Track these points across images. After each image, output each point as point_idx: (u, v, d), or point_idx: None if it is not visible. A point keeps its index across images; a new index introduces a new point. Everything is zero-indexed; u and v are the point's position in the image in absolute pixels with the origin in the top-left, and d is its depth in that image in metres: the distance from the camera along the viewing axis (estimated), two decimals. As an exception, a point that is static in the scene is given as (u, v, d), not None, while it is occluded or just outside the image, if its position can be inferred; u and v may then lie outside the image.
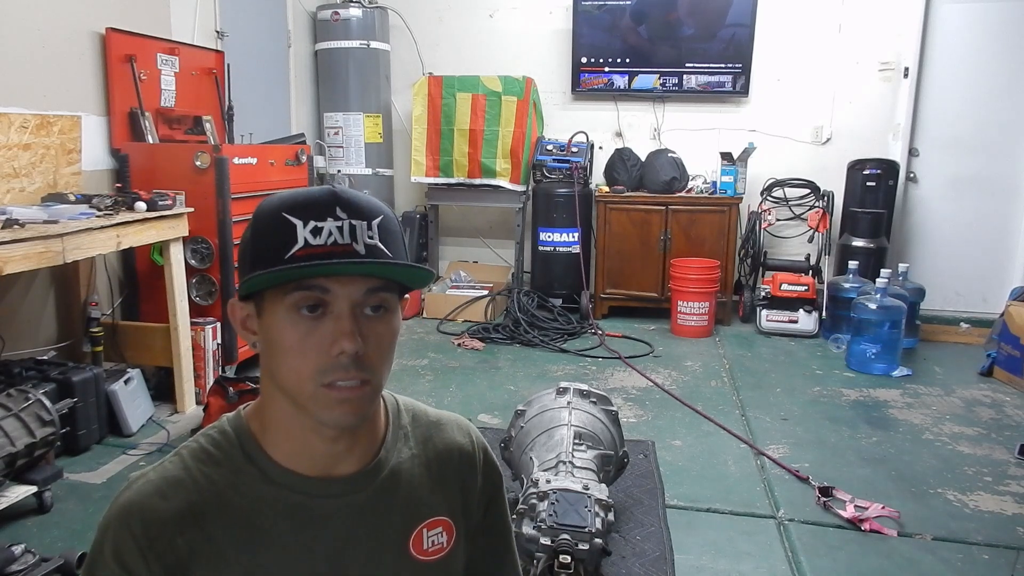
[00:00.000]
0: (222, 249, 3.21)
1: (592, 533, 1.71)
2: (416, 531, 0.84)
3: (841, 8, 4.85)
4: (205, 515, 0.75)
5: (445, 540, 0.86)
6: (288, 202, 0.73)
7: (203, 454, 0.79)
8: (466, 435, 0.93)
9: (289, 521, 0.77)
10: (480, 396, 3.43)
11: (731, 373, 3.84)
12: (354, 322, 0.72)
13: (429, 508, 0.86)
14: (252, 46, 4.43)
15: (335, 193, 0.74)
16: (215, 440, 0.80)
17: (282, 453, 0.79)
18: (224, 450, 0.79)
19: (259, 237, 0.74)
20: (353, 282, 0.72)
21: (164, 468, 0.78)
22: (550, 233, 4.86)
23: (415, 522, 0.84)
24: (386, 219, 0.76)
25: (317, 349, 0.72)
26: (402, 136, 5.34)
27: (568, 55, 5.09)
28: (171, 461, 0.79)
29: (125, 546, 0.73)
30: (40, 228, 2.34)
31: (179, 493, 0.75)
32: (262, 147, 3.70)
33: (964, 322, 4.68)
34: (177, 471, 0.77)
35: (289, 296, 0.72)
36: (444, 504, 0.87)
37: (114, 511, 0.76)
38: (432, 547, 0.85)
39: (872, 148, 4.84)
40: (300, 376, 0.73)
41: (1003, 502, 2.50)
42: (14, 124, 2.72)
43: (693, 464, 2.75)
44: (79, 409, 2.63)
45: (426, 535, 0.85)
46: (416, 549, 0.84)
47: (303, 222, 0.71)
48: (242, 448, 0.79)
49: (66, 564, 1.88)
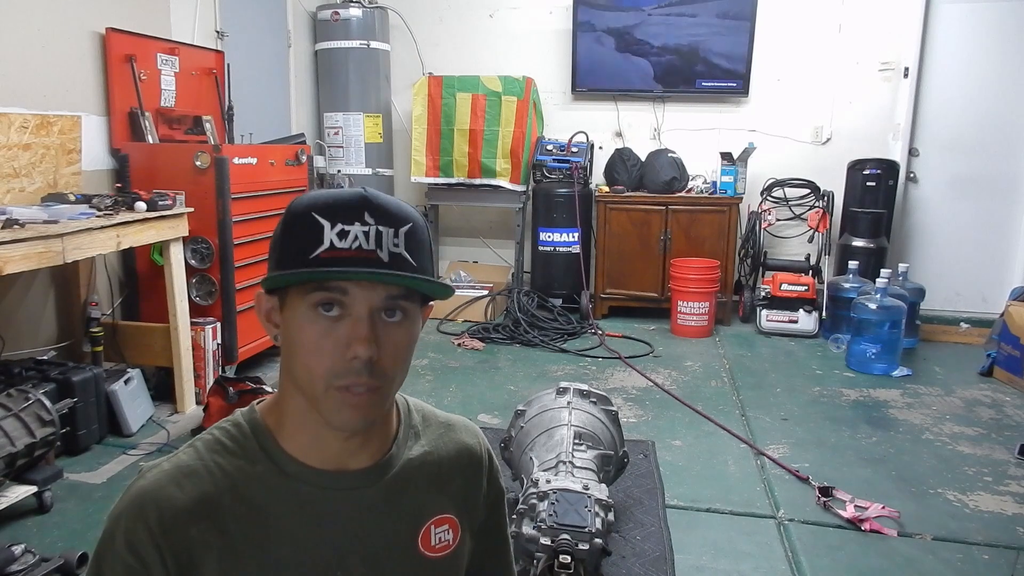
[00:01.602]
0: (222, 249, 3.21)
1: (592, 533, 1.71)
2: (425, 528, 0.85)
3: (841, 8, 4.85)
4: (219, 506, 0.75)
5: (451, 538, 0.87)
6: (319, 202, 0.73)
7: (218, 445, 0.79)
8: (474, 438, 0.94)
9: (300, 514, 0.78)
10: (480, 396, 3.43)
11: (731, 373, 3.84)
12: (371, 327, 0.73)
13: (437, 506, 0.86)
14: (252, 46, 4.43)
15: (366, 197, 0.73)
16: (230, 433, 0.80)
17: (296, 447, 0.79)
18: (239, 442, 0.79)
19: (287, 234, 0.75)
20: (374, 287, 0.73)
21: (179, 458, 0.78)
22: (550, 233, 4.87)
23: (423, 519, 0.85)
24: (414, 227, 0.75)
25: (332, 350, 0.72)
26: (402, 136, 5.34)
27: (568, 55, 5.09)
28: (185, 452, 0.79)
29: (138, 535, 0.72)
30: (40, 228, 2.34)
31: (194, 483, 0.75)
32: (262, 147, 3.69)
33: (964, 322, 4.68)
34: (192, 461, 0.77)
35: (310, 295, 0.72)
36: (451, 503, 0.88)
37: (127, 500, 0.75)
38: (439, 544, 0.86)
39: (872, 148, 4.84)
40: (313, 375, 0.73)
41: (1003, 502, 2.50)
42: (14, 124, 2.72)
43: (693, 464, 2.75)
44: (79, 409, 2.63)
45: (434, 532, 0.85)
46: (424, 545, 0.85)
47: (331, 223, 0.72)
48: (257, 441, 0.79)
49: (66, 564, 1.89)
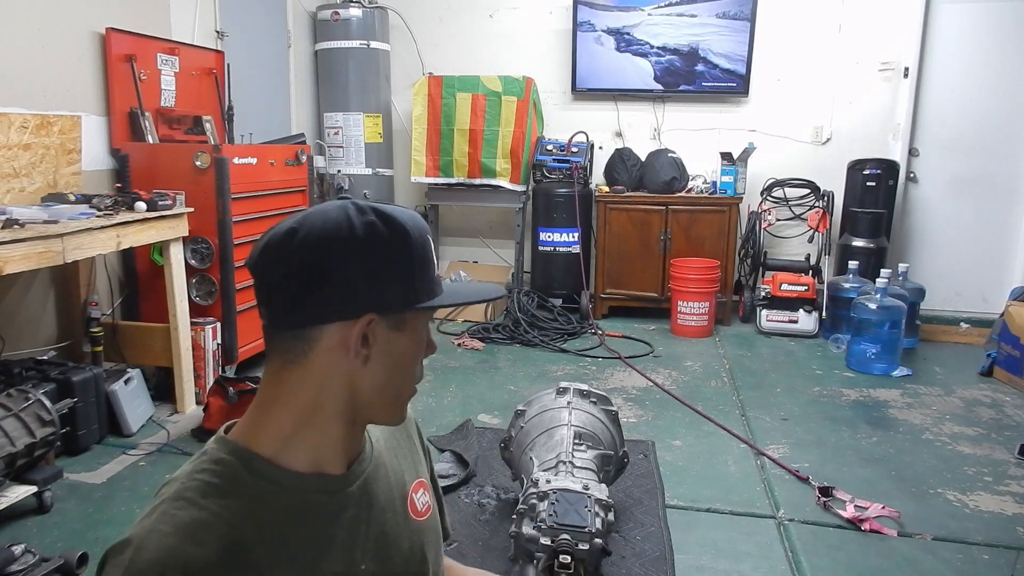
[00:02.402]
0: (222, 249, 3.21)
1: (592, 533, 1.71)
2: (409, 497, 0.89)
3: (841, 8, 4.85)
4: (245, 546, 0.70)
5: (428, 497, 0.93)
6: (423, 229, 0.80)
7: (210, 489, 0.72)
8: None
9: (315, 524, 0.77)
10: (480, 396, 3.43)
11: (731, 373, 3.84)
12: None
13: (410, 473, 0.92)
14: (252, 46, 4.43)
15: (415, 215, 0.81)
16: (216, 472, 0.74)
17: (293, 461, 0.76)
18: (228, 478, 0.73)
19: (418, 258, 0.78)
20: None
21: (174, 518, 0.69)
22: (550, 233, 4.87)
23: (406, 488, 0.90)
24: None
25: (421, 372, 0.83)
26: (402, 136, 5.34)
27: (568, 55, 5.09)
28: (175, 508, 0.70)
29: None
30: (40, 228, 2.34)
31: (210, 534, 0.68)
32: (262, 147, 3.69)
33: (964, 322, 4.68)
34: (194, 514, 0.69)
35: (427, 313, 0.81)
36: (412, 467, 0.93)
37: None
38: (423, 507, 0.91)
39: (872, 148, 4.84)
40: (408, 387, 0.82)
41: (1003, 502, 2.50)
42: (14, 124, 2.72)
43: (693, 464, 2.75)
44: (79, 409, 2.63)
45: (417, 499, 0.90)
46: (414, 512, 0.89)
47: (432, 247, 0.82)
48: (247, 470, 0.74)
49: (66, 564, 1.88)
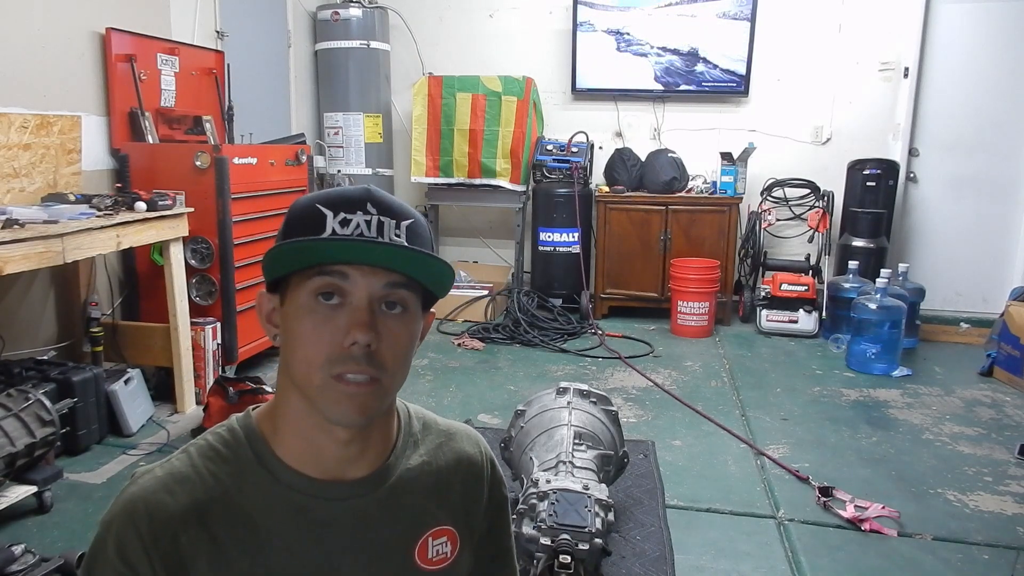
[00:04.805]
0: (222, 249, 3.21)
1: (592, 533, 1.71)
2: (422, 539, 0.83)
3: (841, 8, 4.85)
4: (210, 513, 0.74)
5: (449, 550, 0.86)
6: (322, 196, 0.75)
7: (211, 452, 0.78)
8: (476, 446, 0.92)
9: (293, 523, 0.77)
10: (480, 396, 3.43)
11: (731, 373, 3.84)
12: (370, 315, 0.72)
13: (435, 517, 0.85)
14: (252, 46, 4.43)
15: (369, 191, 0.76)
16: (224, 439, 0.79)
17: (292, 455, 0.78)
18: (232, 449, 0.78)
19: (290, 226, 0.75)
20: (375, 273, 0.73)
21: (171, 465, 0.77)
22: (550, 233, 4.86)
23: (421, 530, 0.83)
24: (416, 223, 0.77)
25: (330, 338, 0.72)
26: (402, 136, 5.34)
27: (568, 55, 5.09)
28: (178, 458, 0.78)
29: (129, 542, 0.72)
30: (40, 228, 2.34)
31: (185, 490, 0.74)
32: (262, 147, 3.69)
33: (964, 322, 4.68)
34: (184, 468, 0.76)
35: (310, 282, 0.72)
36: (450, 514, 0.86)
37: (119, 506, 0.74)
38: (437, 556, 0.84)
39: (872, 148, 4.84)
40: (311, 365, 0.72)
41: (1003, 502, 2.50)
42: (14, 124, 2.71)
43: (693, 464, 2.75)
44: (79, 409, 2.63)
45: (431, 544, 0.84)
46: (421, 558, 0.83)
47: (333, 213, 0.73)
48: (251, 448, 0.78)
49: (66, 564, 1.88)
